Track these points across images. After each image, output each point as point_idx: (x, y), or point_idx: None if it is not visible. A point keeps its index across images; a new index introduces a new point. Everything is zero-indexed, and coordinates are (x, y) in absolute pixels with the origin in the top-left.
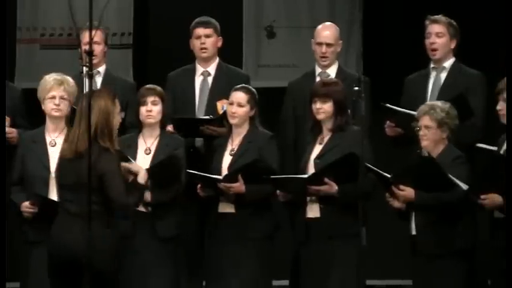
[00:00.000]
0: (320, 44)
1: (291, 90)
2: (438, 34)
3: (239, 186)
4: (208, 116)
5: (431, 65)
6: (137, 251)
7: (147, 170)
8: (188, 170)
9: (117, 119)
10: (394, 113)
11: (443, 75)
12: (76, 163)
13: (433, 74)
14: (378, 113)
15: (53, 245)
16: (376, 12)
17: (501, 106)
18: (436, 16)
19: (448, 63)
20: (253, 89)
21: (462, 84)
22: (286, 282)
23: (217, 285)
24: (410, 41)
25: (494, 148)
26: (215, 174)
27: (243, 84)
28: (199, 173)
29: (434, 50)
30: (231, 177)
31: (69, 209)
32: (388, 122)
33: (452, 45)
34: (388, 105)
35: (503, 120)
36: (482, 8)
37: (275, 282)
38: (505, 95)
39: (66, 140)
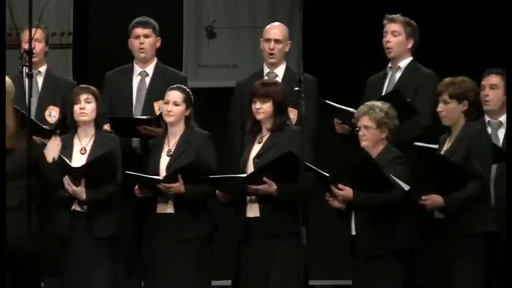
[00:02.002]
0: (268, 40)
1: (238, 90)
2: (394, 33)
3: (179, 186)
4: (146, 116)
5: (389, 65)
6: (74, 250)
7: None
8: (127, 171)
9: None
10: (334, 110)
11: (398, 75)
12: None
13: (389, 74)
14: (328, 111)
15: None
16: (316, 13)
17: (441, 108)
18: (393, 15)
19: (404, 62)
20: (188, 89)
21: (415, 83)
22: (227, 283)
23: (156, 285)
24: (351, 41)
25: (435, 146)
26: (152, 175)
27: (179, 84)
28: (138, 173)
29: (389, 48)
30: (170, 178)
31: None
32: (335, 119)
33: (409, 45)
34: (327, 102)
35: (444, 122)
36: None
37: (217, 283)
38: (444, 97)
39: None
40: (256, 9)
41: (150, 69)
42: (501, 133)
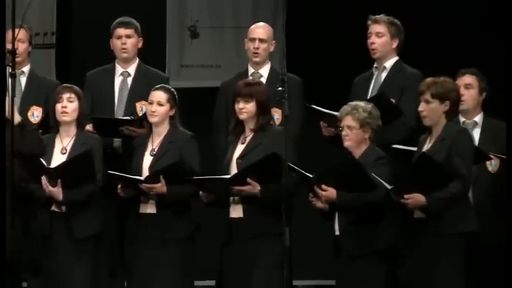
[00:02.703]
0: (253, 39)
1: (223, 90)
2: (378, 34)
3: (161, 186)
4: (128, 116)
5: (375, 65)
6: (55, 251)
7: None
8: (109, 171)
9: None
10: (319, 114)
11: (383, 75)
12: None
13: (375, 74)
14: (312, 112)
15: None
16: (299, 13)
17: (423, 107)
18: (377, 16)
19: (389, 62)
20: (173, 89)
21: (400, 83)
22: (211, 283)
23: (139, 286)
24: (335, 41)
25: (414, 149)
26: (135, 174)
27: (163, 84)
28: (120, 173)
29: (373, 49)
30: (152, 178)
31: None
32: (321, 122)
33: (394, 45)
34: (313, 106)
35: (425, 122)
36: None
37: (200, 283)
38: (426, 96)
39: None
40: (240, 9)
41: (132, 69)
42: (476, 133)
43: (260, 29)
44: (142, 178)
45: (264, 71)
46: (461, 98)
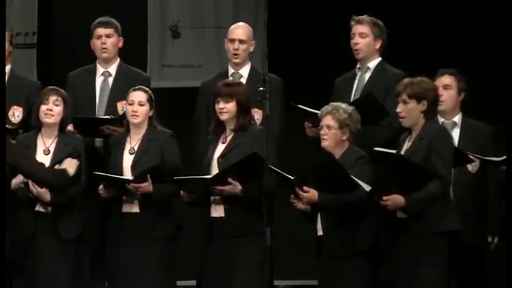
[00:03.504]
0: (233, 40)
1: (204, 90)
2: (361, 35)
3: (147, 186)
4: (109, 116)
5: (358, 66)
6: (38, 251)
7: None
8: (95, 172)
9: None
10: (304, 113)
11: (367, 76)
12: None
13: (358, 75)
14: (294, 113)
15: None
16: (281, 13)
17: (400, 108)
18: (360, 16)
19: (373, 63)
20: (150, 91)
21: (384, 84)
22: (192, 283)
23: (121, 286)
24: (316, 42)
25: (393, 151)
26: (114, 173)
27: (140, 86)
28: (106, 174)
29: (357, 50)
30: (140, 178)
31: None
32: (306, 122)
33: (377, 45)
34: (299, 106)
35: (404, 123)
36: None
37: (182, 283)
38: (403, 97)
39: None
40: (221, 9)
41: (113, 69)
42: (455, 134)
43: (240, 30)
44: (130, 178)
45: (244, 71)
46: (440, 98)
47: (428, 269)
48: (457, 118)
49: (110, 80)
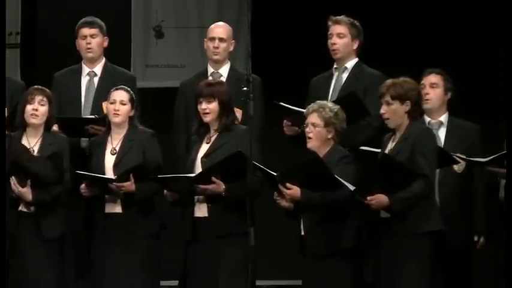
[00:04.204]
0: (213, 39)
1: (183, 90)
2: (339, 35)
3: (130, 185)
4: (93, 115)
5: (334, 66)
6: (22, 250)
7: None
8: (78, 171)
9: None
10: (287, 112)
11: (344, 76)
12: None
13: (335, 75)
14: (275, 112)
15: None
16: (265, 13)
17: (384, 109)
18: (338, 17)
19: (350, 63)
20: (132, 91)
21: (362, 84)
22: (175, 283)
23: (105, 285)
24: (300, 42)
25: (378, 150)
26: (96, 173)
27: (122, 85)
28: (89, 173)
29: (334, 50)
30: (123, 177)
31: None
32: (285, 121)
33: (355, 46)
34: (281, 103)
35: (389, 124)
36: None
37: (165, 283)
38: (386, 98)
39: None
40: (205, 9)
41: (98, 69)
42: (442, 133)
43: (220, 29)
44: (113, 177)
45: (224, 71)
46: (427, 97)
47: (412, 269)
48: (444, 117)
49: (96, 79)
